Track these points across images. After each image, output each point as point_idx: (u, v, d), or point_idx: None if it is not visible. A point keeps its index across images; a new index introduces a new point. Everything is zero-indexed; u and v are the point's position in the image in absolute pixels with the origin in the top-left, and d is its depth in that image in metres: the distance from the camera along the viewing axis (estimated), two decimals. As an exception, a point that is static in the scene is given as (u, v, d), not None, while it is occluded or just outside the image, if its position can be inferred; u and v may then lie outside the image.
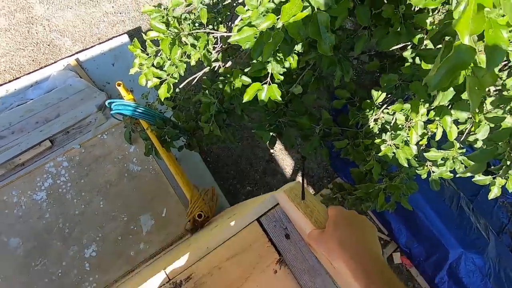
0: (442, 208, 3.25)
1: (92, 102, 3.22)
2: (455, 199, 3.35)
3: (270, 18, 0.79)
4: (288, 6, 0.69)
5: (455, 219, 3.20)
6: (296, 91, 1.37)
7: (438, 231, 3.15)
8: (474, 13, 0.44)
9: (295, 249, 0.78)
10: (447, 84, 0.52)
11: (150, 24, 1.38)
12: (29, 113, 3.12)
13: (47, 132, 2.97)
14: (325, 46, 0.77)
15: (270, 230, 0.80)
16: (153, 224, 1.76)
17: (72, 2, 3.92)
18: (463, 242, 3.08)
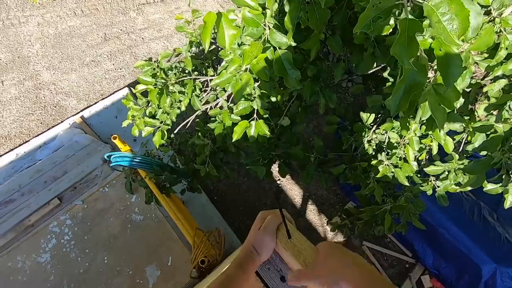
0: (464, 221, 3.07)
1: (97, 156, 3.30)
2: (476, 210, 3.17)
3: (236, 61, 0.83)
4: (249, 49, 0.72)
5: (481, 232, 3.00)
6: (284, 123, 1.39)
7: (465, 247, 2.95)
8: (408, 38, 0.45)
9: (292, 292, 0.73)
10: (406, 106, 0.52)
11: (138, 78, 1.46)
12: (38, 173, 3.21)
13: (55, 190, 3.02)
14: (292, 81, 0.79)
15: (263, 274, 0.76)
16: (159, 275, 1.70)
17: (75, 65, 4.21)
18: (495, 256, 2.86)
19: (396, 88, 0.52)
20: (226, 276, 0.64)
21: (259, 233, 0.71)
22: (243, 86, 0.86)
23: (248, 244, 0.71)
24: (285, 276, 0.76)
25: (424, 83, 0.51)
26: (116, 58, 4.34)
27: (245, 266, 0.66)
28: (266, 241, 0.69)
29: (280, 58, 0.76)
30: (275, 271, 0.76)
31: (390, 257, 3.42)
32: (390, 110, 0.54)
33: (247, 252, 0.69)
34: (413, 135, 1.37)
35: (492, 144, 0.89)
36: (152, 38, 4.60)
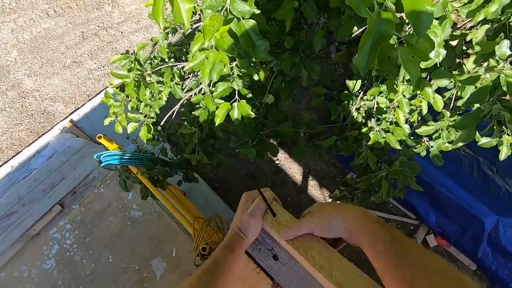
0: (464, 178, 3.08)
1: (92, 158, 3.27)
2: (475, 165, 3.18)
3: (199, 39, 0.78)
4: (209, 23, 0.67)
5: (481, 186, 3.02)
6: (268, 101, 1.35)
7: (466, 203, 2.97)
8: None
9: (286, 270, 0.72)
10: (375, 61, 0.48)
11: (111, 72, 1.40)
12: (36, 182, 3.19)
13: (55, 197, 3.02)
14: (261, 52, 0.74)
15: (256, 255, 0.75)
16: (166, 267, 1.72)
17: (57, 68, 4.10)
18: (496, 208, 2.89)
19: (362, 44, 0.48)
20: (213, 259, 0.63)
21: (245, 216, 0.69)
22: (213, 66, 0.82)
23: (234, 227, 0.70)
24: (277, 254, 0.75)
25: (391, 34, 0.47)
26: (98, 56, 4.22)
27: (233, 248, 0.65)
28: (252, 223, 0.68)
29: (245, 29, 0.71)
30: (267, 251, 0.75)
31: (395, 222, 3.47)
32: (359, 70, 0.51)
33: (234, 235, 0.68)
34: (402, 97, 1.34)
35: (480, 96, 0.86)
36: (132, 31, 4.45)
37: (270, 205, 0.70)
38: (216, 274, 0.60)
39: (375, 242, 0.53)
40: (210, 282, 0.59)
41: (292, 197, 3.74)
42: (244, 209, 0.72)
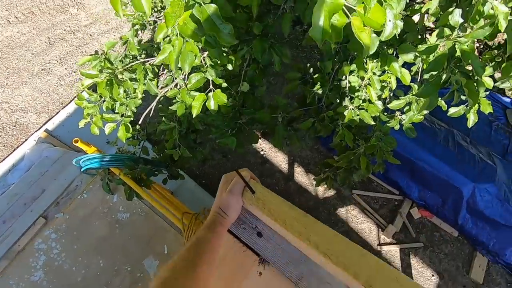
0: (441, 150, 3.23)
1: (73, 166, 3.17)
2: (450, 138, 3.33)
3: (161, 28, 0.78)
4: (170, 9, 0.67)
5: (457, 157, 3.18)
6: (244, 88, 1.36)
7: (445, 174, 3.12)
8: None
9: (271, 245, 0.75)
10: (329, 31, 0.50)
11: (81, 72, 1.37)
12: (15, 197, 3.08)
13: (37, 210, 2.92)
14: (226, 36, 0.75)
15: (240, 234, 0.77)
16: (158, 265, 1.72)
17: (25, 78, 3.93)
18: (472, 176, 3.05)
19: (315, 15, 0.50)
20: (196, 238, 0.65)
21: (225, 196, 0.71)
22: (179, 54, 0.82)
23: (215, 207, 0.72)
24: (261, 231, 0.77)
25: (341, 3, 0.49)
26: (67, 61, 4.08)
27: (214, 227, 0.67)
28: (232, 201, 0.70)
29: (207, 13, 0.72)
30: (251, 229, 0.78)
31: (380, 199, 3.59)
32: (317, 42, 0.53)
33: (215, 215, 0.69)
34: (372, 74, 1.38)
35: (438, 64, 0.90)
36: (101, 32, 4.33)
37: (248, 182, 0.72)
38: (200, 252, 0.62)
39: None
40: (194, 260, 0.60)
41: (280, 185, 3.80)
42: (223, 190, 0.73)
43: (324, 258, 0.52)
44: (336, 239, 0.56)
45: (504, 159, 3.38)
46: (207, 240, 0.64)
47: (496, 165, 3.19)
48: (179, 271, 0.58)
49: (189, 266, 0.59)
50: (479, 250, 3.20)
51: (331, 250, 0.53)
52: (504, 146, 3.65)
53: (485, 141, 3.59)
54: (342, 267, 0.50)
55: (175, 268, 0.59)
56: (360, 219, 3.49)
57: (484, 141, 3.56)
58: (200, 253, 0.61)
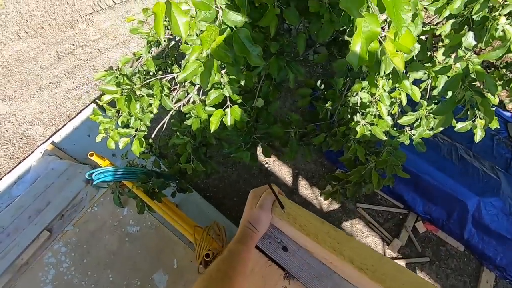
0: (445, 164, 3.25)
1: (78, 179, 3.20)
2: (453, 151, 3.37)
3: (196, 49, 0.82)
4: (206, 34, 0.72)
5: (461, 170, 3.20)
6: (258, 104, 1.40)
7: (449, 187, 3.14)
8: None
9: (296, 259, 0.76)
10: (366, 57, 0.54)
11: (100, 88, 1.41)
12: (19, 210, 3.07)
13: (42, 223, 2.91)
14: (255, 57, 0.79)
15: (266, 248, 0.78)
16: (168, 279, 1.71)
17: (33, 91, 3.99)
18: (476, 189, 3.07)
19: (354, 43, 0.54)
20: (228, 251, 0.66)
21: (255, 210, 0.73)
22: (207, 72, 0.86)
23: (245, 221, 0.73)
24: (287, 245, 0.79)
25: (378, 32, 0.53)
26: (75, 75, 4.14)
27: (245, 241, 0.69)
28: (262, 216, 0.72)
29: (238, 37, 0.76)
30: (276, 243, 0.79)
31: (385, 213, 3.58)
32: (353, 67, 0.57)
33: (245, 229, 0.71)
34: (382, 91, 1.42)
35: (454, 83, 0.94)
36: (108, 47, 4.42)
37: (278, 197, 0.73)
38: (233, 264, 0.63)
39: None
40: (227, 272, 0.62)
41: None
42: (253, 204, 0.75)
43: (359, 272, 0.54)
44: (370, 253, 0.58)
45: (507, 173, 3.41)
46: (239, 253, 0.66)
47: (500, 179, 3.21)
48: (215, 282, 0.59)
49: (225, 277, 0.60)
50: (486, 265, 3.17)
51: (366, 265, 0.54)
52: (507, 160, 3.69)
53: (488, 154, 3.63)
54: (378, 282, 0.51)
55: (211, 279, 0.60)
56: (365, 233, 3.47)
57: (486, 154, 3.60)
58: (233, 266, 0.63)
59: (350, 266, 0.55)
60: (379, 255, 0.58)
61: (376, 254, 0.58)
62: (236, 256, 0.65)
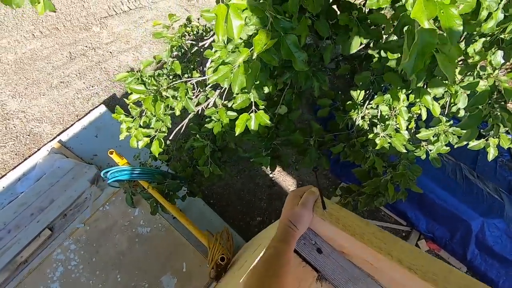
0: (449, 183, 3.28)
1: (84, 178, 3.19)
2: (458, 171, 3.40)
3: (244, 52, 0.85)
4: (258, 37, 0.75)
5: (465, 190, 3.22)
6: (282, 111, 1.43)
7: (453, 207, 3.15)
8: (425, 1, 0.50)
9: (330, 262, 0.77)
10: (421, 66, 0.57)
11: (129, 88, 1.43)
12: (22, 207, 3.04)
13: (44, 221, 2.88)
14: (300, 63, 0.83)
15: (300, 249, 0.79)
16: (176, 282, 1.69)
17: (43, 89, 4.01)
18: (481, 210, 3.08)
19: (411, 52, 0.58)
20: (275, 249, 0.67)
21: (297, 209, 0.74)
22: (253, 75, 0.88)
23: (285, 220, 0.74)
24: (321, 247, 0.79)
25: (435, 43, 0.57)
26: (86, 76, 4.18)
27: (287, 240, 0.69)
28: (305, 215, 0.73)
29: (286, 42, 0.80)
30: (311, 245, 0.80)
31: (387, 229, 3.57)
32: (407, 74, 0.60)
33: (286, 228, 0.72)
34: (402, 105, 1.46)
35: (481, 99, 0.98)
36: (121, 50, 4.48)
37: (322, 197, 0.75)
38: (281, 262, 0.64)
39: None
40: (276, 270, 0.62)
41: (288, 210, 3.78)
42: (294, 204, 0.76)
43: (410, 272, 0.54)
44: (418, 254, 0.59)
45: (510, 195, 3.43)
46: (284, 252, 0.66)
47: (503, 201, 3.23)
48: (268, 280, 0.59)
49: (275, 276, 0.60)
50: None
51: (416, 265, 0.55)
52: (509, 182, 3.72)
53: (491, 176, 3.66)
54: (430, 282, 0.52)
55: (262, 276, 0.60)
56: (368, 249, 3.44)
57: (489, 176, 3.63)
58: (281, 264, 0.63)
59: (398, 266, 0.56)
60: (427, 255, 0.59)
61: (424, 255, 0.59)
62: (282, 255, 0.65)
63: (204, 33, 2.05)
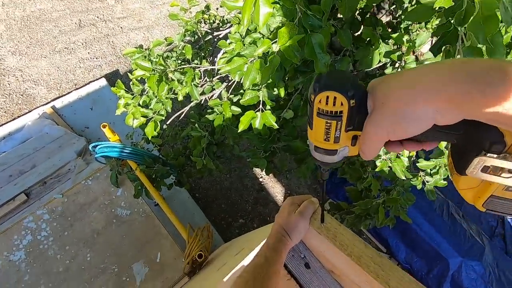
0: (435, 218, 3.28)
1: (71, 149, 3.09)
2: (445, 207, 3.41)
3: (265, 43, 0.81)
4: (284, 30, 0.71)
5: (449, 228, 3.23)
6: (287, 115, 1.39)
7: (435, 242, 3.15)
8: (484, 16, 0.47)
9: (317, 279, 0.73)
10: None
11: (135, 63, 1.38)
12: (2, 166, 2.93)
13: (21, 185, 2.78)
14: (321, 65, 0.79)
15: (288, 261, 0.74)
16: (148, 272, 1.62)
17: (46, 51, 3.90)
18: (461, 250, 3.08)
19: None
20: (265, 259, 0.62)
21: (294, 217, 0.69)
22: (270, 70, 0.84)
23: (279, 228, 0.69)
24: (309, 262, 0.75)
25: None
26: (92, 46, 4.09)
27: (279, 249, 0.64)
28: (301, 225, 0.68)
29: (311, 41, 0.76)
30: (299, 258, 0.75)
31: (367, 253, 3.55)
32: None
33: (279, 236, 0.67)
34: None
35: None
36: (132, 28, 4.40)
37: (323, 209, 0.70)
38: (269, 274, 0.59)
39: None
40: (264, 281, 0.57)
41: (271, 216, 3.73)
42: (291, 211, 0.71)
43: (405, 306, 0.51)
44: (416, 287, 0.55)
45: (491, 241, 3.45)
46: (274, 263, 0.61)
47: (484, 245, 3.24)
48: None
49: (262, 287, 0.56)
50: (456, 329, 3.14)
51: (413, 299, 0.51)
52: (492, 228, 3.75)
53: (475, 218, 3.68)
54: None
55: (247, 285, 0.55)
56: (344, 270, 3.41)
57: (474, 218, 3.65)
58: (270, 275, 0.58)
59: (394, 297, 0.52)
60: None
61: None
62: (272, 266, 0.60)
63: (220, 24, 2.01)
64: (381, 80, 0.38)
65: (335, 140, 0.41)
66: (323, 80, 0.38)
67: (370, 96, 0.38)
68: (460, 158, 0.38)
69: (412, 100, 0.33)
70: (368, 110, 0.39)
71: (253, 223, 3.64)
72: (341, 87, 0.37)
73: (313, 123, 0.41)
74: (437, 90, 0.30)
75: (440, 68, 0.32)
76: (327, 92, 0.37)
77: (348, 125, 0.40)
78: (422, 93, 0.32)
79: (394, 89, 0.36)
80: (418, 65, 0.38)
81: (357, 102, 0.38)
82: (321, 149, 0.44)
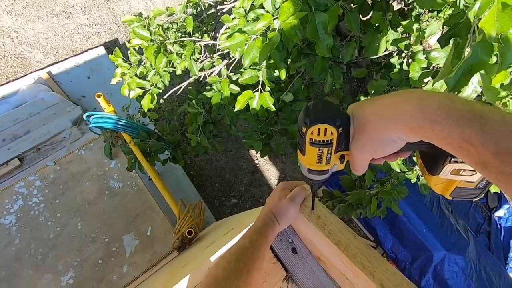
0: (424, 212, 3.33)
1: (66, 117, 3.04)
2: (435, 202, 3.46)
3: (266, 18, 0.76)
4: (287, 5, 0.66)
5: (437, 222, 3.29)
6: (287, 98, 1.35)
7: (422, 235, 3.22)
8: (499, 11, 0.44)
9: (303, 264, 0.73)
10: (466, 83, 0.52)
11: (133, 31, 1.32)
12: (-6, 130, 2.89)
13: (15, 149, 2.75)
14: (323, 47, 0.75)
15: (275, 244, 0.74)
16: (138, 244, 1.64)
17: (43, 14, 3.75)
18: (446, 244, 3.16)
19: (459, 66, 0.51)
20: (250, 242, 0.61)
21: (284, 202, 0.68)
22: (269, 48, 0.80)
23: (268, 212, 0.68)
24: (296, 247, 0.75)
25: (487, 62, 0.51)
26: (91, 12, 3.94)
27: (266, 233, 0.64)
28: (290, 210, 0.67)
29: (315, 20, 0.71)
30: (287, 243, 0.75)
31: (354, 240, 3.63)
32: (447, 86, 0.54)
33: (267, 220, 0.66)
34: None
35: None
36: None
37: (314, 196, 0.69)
38: (254, 258, 0.58)
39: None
40: (247, 264, 0.57)
41: (264, 198, 3.77)
42: (281, 196, 0.70)
43: (389, 299, 0.51)
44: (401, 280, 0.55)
45: (476, 237, 3.54)
46: (260, 247, 0.61)
47: (469, 240, 3.32)
48: (235, 273, 0.54)
49: (244, 269, 0.55)
50: (434, 317, 3.27)
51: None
52: (478, 224, 3.84)
53: (463, 214, 3.76)
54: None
55: (231, 268, 0.55)
56: (331, 254, 3.50)
57: (462, 214, 3.73)
58: (253, 259, 0.58)
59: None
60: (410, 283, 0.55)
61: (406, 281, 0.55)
62: (257, 250, 0.60)
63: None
64: (359, 105, 0.47)
65: (327, 162, 0.48)
66: (312, 113, 0.44)
67: (351, 120, 0.46)
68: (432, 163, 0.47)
69: (385, 128, 0.42)
70: (351, 132, 0.46)
71: (245, 203, 3.68)
72: (330, 119, 0.43)
73: (306, 150, 0.47)
74: (404, 122, 0.40)
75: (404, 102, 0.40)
76: (318, 125, 0.43)
77: (337, 148, 0.47)
78: (393, 123, 0.41)
79: (369, 116, 0.44)
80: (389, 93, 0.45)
81: (343, 128, 0.44)
82: (315, 171, 0.51)
